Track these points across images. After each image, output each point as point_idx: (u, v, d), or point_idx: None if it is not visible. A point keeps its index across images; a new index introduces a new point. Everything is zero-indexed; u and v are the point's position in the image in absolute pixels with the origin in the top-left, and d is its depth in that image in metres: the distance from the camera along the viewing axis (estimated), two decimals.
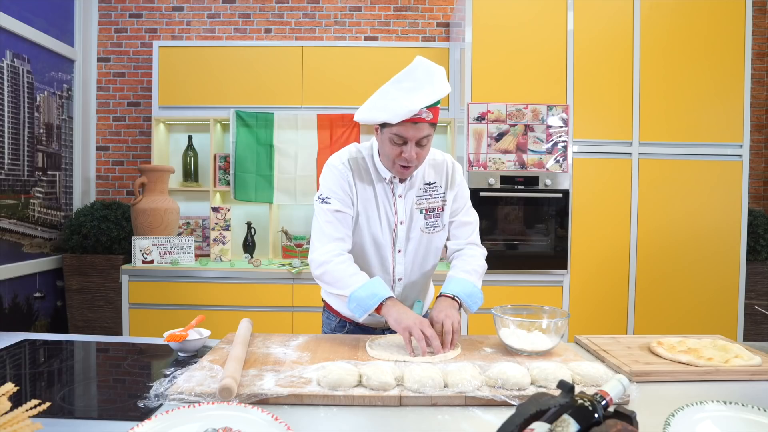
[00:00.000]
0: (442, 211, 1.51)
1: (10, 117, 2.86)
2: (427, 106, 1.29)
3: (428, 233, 1.50)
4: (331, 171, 1.46)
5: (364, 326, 1.57)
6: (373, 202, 1.47)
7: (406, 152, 1.33)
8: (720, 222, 2.94)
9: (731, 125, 2.93)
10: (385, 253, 1.49)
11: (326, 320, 1.67)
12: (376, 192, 1.47)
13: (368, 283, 1.35)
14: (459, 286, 1.44)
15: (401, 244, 1.49)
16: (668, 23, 2.90)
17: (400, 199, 1.48)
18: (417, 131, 1.31)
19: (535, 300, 2.80)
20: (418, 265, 1.53)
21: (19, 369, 1.23)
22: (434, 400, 1.00)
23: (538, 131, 2.88)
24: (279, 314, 2.94)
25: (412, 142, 1.33)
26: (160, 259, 3.04)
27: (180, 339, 1.29)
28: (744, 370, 1.17)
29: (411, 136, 1.32)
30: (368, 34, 3.62)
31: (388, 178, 1.46)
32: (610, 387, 0.78)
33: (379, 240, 1.48)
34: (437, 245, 1.55)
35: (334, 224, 1.43)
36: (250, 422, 0.87)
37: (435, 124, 1.36)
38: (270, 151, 3.30)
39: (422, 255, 1.53)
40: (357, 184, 1.46)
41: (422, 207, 1.49)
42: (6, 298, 2.85)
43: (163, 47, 3.30)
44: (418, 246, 1.51)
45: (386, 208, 1.47)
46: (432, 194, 1.50)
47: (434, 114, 1.33)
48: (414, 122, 1.30)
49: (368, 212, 1.47)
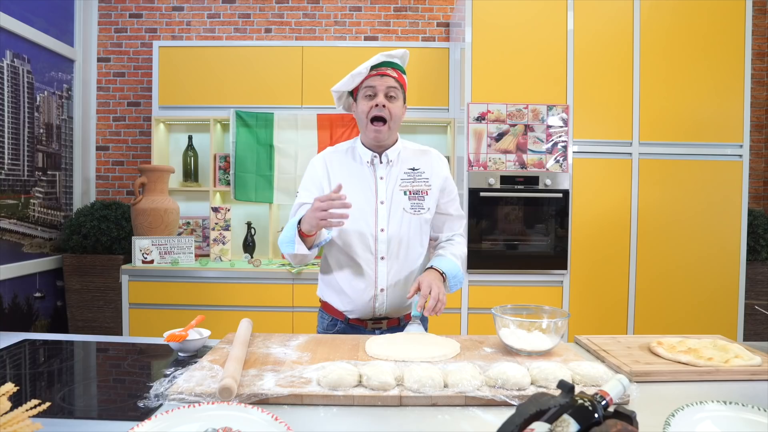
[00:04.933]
0: (426, 195, 1.57)
1: (10, 117, 2.86)
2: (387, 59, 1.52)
3: (412, 214, 1.55)
4: (308, 167, 1.64)
5: (355, 324, 1.58)
6: (352, 183, 1.54)
7: (377, 100, 1.49)
8: (720, 222, 2.94)
9: (731, 125, 2.93)
10: (367, 232, 1.53)
11: (320, 319, 1.69)
12: (357, 174, 1.57)
13: (288, 224, 1.49)
14: (448, 265, 1.53)
15: (383, 223, 1.53)
16: (668, 23, 2.90)
17: (381, 180, 1.56)
18: (383, 81, 1.50)
19: (535, 300, 2.81)
20: (402, 247, 1.55)
21: (19, 369, 1.23)
22: (434, 400, 1.00)
23: (538, 131, 2.88)
24: (279, 314, 2.94)
25: (381, 93, 1.49)
26: (160, 259, 3.04)
27: (180, 339, 1.29)
28: (744, 370, 1.17)
29: (379, 85, 1.50)
30: (368, 34, 3.62)
31: (370, 160, 1.56)
32: (610, 387, 0.78)
33: (360, 219, 1.52)
34: (422, 228, 1.58)
35: (297, 215, 1.54)
36: (250, 422, 0.87)
37: (403, 87, 1.54)
38: (270, 151, 3.30)
39: (406, 236, 1.55)
40: (334, 171, 1.58)
41: (406, 189, 1.56)
42: (6, 298, 2.85)
43: (163, 47, 3.30)
44: (400, 226, 1.54)
45: (366, 189, 1.55)
46: (416, 179, 1.58)
47: (398, 75, 1.53)
48: (380, 75, 1.50)
49: (347, 193, 1.46)
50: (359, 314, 1.57)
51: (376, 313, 1.56)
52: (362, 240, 1.53)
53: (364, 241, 1.53)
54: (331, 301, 1.62)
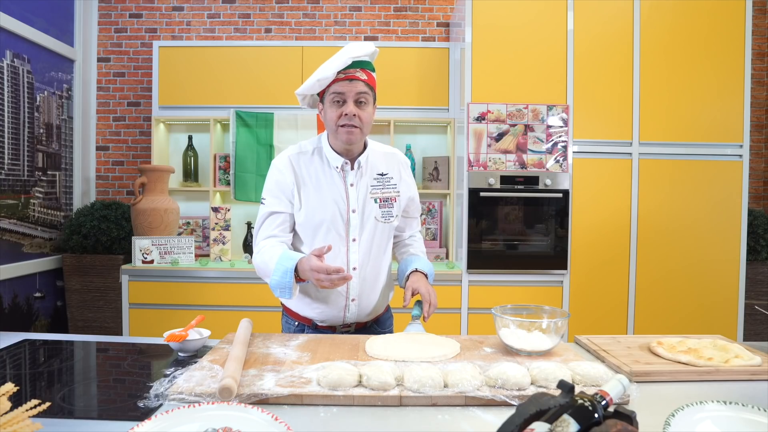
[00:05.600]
0: (395, 202, 1.55)
1: (10, 117, 2.86)
2: (355, 59, 1.40)
3: (383, 222, 1.53)
4: (271, 170, 1.52)
5: (324, 330, 1.56)
6: (322, 191, 1.48)
7: (347, 109, 1.40)
8: (720, 222, 2.94)
9: (731, 125, 2.93)
10: (339, 242, 1.49)
11: (285, 324, 1.66)
12: (326, 181, 1.49)
13: (277, 265, 1.36)
14: (428, 265, 1.61)
15: (355, 232, 1.50)
16: (668, 23, 2.90)
17: (352, 187, 1.50)
18: (352, 86, 1.40)
19: (535, 300, 2.81)
20: (373, 256, 1.53)
21: (19, 369, 1.23)
22: (434, 400, 1.00)
23: (538, 131, 2.88)
24: (279, 314, 2.93)
25: (351, 99, 1.40)
26: (160, 259, 3.04)
27: (180, 339, 1.29)
28: (744, 370, 1.17)
29: (348, 91, 1.40)
30: (368, 34, 3.62)
31: (340, 166, 1.48)
32: (610, 387, 0.78)
33: (332, 229, 1.48)
34: (390, 234, 1.58)
35: (265, 224, 1.50)
36: (250, 422, 0.87)
37: (373, 88, 1.45)
38: (270, 151, 3.30)
39: (377, 244, 1.53)
40: (303, 176, 1.49)
41: (377, 196, 1.52)
42: (6, 298, 2.85)
43: (163, 47, 3.30)
44: (372, 235, 1.52)
45: (337, 197, 1.48)
46: (385, 185, 1.54)
47: (369, 77, 1.43)
48: (349, 79, 1.40)
49: (318, 201, 1.48)
50: (329, 322, 1.55)
51: (345, 320, 1.55)
52: (335, 251, 1.48)
53: (336, 252, 1.48)
54: (299, 309, 1.58)
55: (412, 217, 1.69)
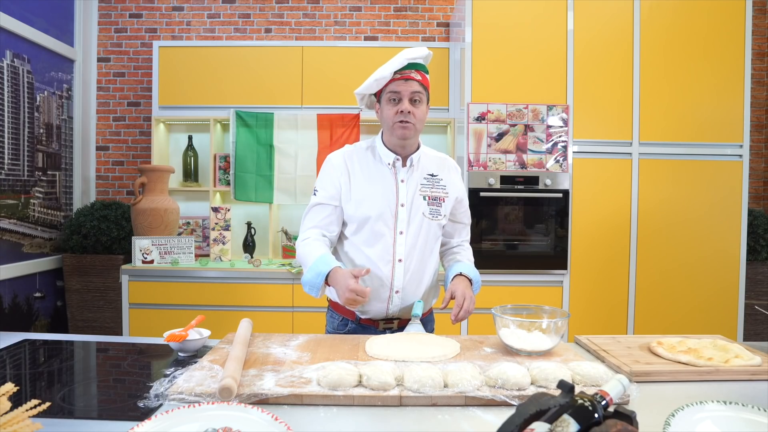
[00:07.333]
0: (443, 202, 1.60)
1: (10, 117, 2.86)
2: (410, 61, 1.48)
3: (431, 219, 1.57)
4: (325, 164, 1.61)
5: (366, 325, 1.58)
6: (374, 184, 1.55)
7: (402, 107, 1.48)
8: (720, 222, 2.94)
9: (731, 125, 2.93)
10: (387, 233, 1.54)
11: (329, 319, 1.69)
12: (378, 175, 1.56)
13: (314, 264, 1.45)
14: (473, 272, 1.61)
15: (403, 225, 1.55)
16: (668, 23, 2.90)
17: (402, 183, 1.56)
18: (408, 86, 1.49)
19: (535, 300, 2.81)
20: (419, 250, 1.57)
21: (19, 369, 1.23)
22: (434, 400, 1.00)
23: (538, 131, 2.88)
24: (279, 314, 2.94)
25: (406, 98, 1.49)
26: (160, 259, 3.04)
27: (180, 339, 1.29)
28: (744, 370, 1.17)
29: (403, 90, 1.49)
30: (368, 34, 3.62)
31: (391, 162, 1.55)
32: (610, 387, 0.78)
33: (380, 221, 1.53)
34: (437, 233, 1.62)
35: (312, 214, 1.59)
36: (250, 422, 0.87)
37: (426, 89, 1.53)
38: (270, 151, 3.30)
39: (423, 240, 1.57)
40: (355, 171, 1.57)
41: (425, 194, 1.58)
42: (6, 298, 2.85)
43: (163, 47, 3.30)
44: (419, 230, 1.56)
45: (387, 191, 1.55)
46: (435, 185, 1.60)
47: (422, 78, 1.51)
48: (404, 79, 1.49)
49: (368, 193, 1.54)
50: (372, 315, 1.58)
51: (388, 314, 1.57)
52: (383, 242, 1.54)
53: (383, 243, 1.54)
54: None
55: (460, 222, 1.70)
